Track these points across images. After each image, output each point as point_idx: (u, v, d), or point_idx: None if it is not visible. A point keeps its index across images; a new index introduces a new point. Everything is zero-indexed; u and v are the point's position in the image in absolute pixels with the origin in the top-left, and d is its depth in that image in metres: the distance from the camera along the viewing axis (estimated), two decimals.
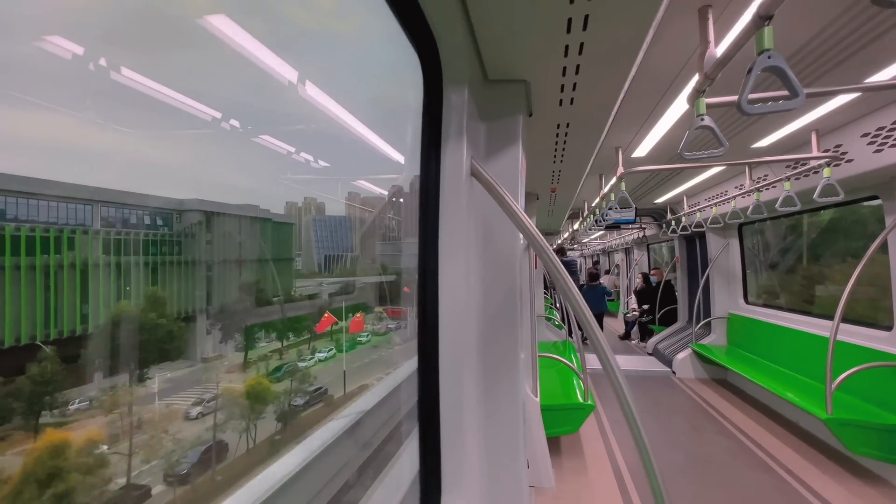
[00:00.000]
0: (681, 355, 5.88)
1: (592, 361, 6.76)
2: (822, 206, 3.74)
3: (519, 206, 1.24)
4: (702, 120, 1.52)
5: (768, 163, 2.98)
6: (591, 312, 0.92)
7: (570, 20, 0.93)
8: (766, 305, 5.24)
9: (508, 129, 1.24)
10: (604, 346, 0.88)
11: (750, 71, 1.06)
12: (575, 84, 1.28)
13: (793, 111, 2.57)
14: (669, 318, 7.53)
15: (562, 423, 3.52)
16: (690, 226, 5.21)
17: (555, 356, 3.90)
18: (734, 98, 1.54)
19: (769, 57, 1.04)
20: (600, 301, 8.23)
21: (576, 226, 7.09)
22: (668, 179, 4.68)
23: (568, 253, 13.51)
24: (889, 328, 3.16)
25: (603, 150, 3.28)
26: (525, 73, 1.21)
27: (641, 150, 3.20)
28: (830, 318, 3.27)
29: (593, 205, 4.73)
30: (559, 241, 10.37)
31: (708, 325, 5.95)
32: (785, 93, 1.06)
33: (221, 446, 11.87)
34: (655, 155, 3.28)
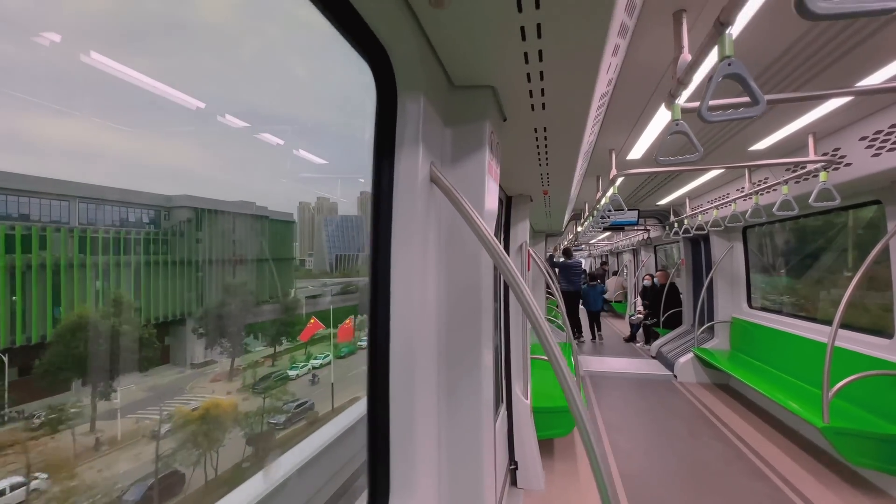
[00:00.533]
0: (683, 359, 5.81)
1: (593, 364, 6.72)
2: (822, 211, 3.66)
3: (483, 211, 1.25)
4: (676, 125, 1.50)
5: (766, 166, 2.93)
6: (542, 315, 0.93)
7: (522, 28, 0.93)
8: (770, 310, 5.15)
9: (474, 135, 1.25)
10: (552, 346, 0.89)
11: (710, 79, 1.05)
12: (543, 90, 1.27)
13: (789, 114, 2.54)
14: (674, 321, 7.44)
15: (554, 426, 3.51)
16: (693, 228, 5.14)
17: (545, 358, 3.89)
18: (712, 102, 1.53)
19: (729, 64, 1.03)
20: (597, 300, 8.91)
21: (580, 228, 7.05)
22: (670, 181, 4.63)
23: (574, 254, 13.51)
24: (890, 336, 3.09)
25: (597, 153, 3.26)
26: (490, 80, 1.21)
27: (636, 153, 3.17)
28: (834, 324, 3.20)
29: (592, 206, 4.70)
30: (564, 243, 10.32)
31: (711, 328, 5.87)
32: (747, 99, 1.05)
33: (173, 479, 9.87)
34: (650, 157, 3.25)
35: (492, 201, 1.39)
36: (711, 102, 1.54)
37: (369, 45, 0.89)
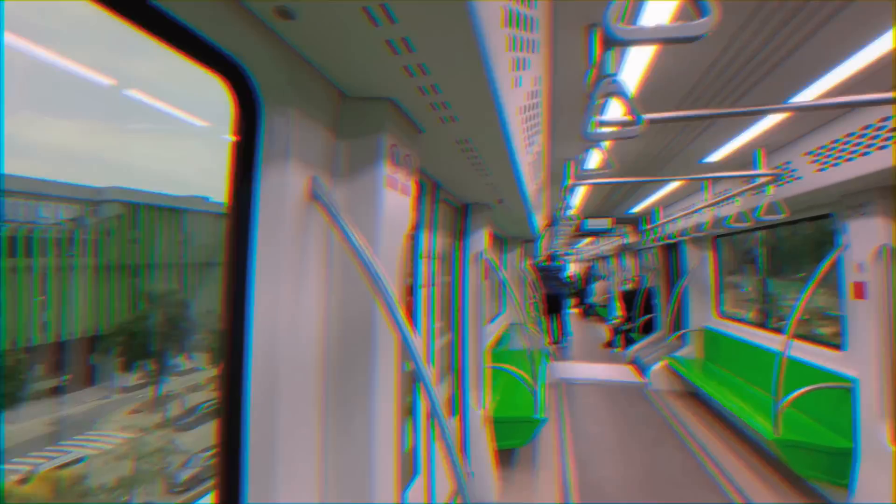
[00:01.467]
0: (656, 367, 5.82)
1: (567, 370, 6.71)
2: (775, 224, 3.66)
3: (376, 224, 1.21)
4: (593, 139, 1.49)
5: (720, 179, 2.93)
6: (413, 333, 0.91)
7: (389, 41, 0.89)
8: (736, 320, 5.17)
9: (370, 148, 1.22)
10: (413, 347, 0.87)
11: (592, 96, 1.04)
12: (446, 102, 1.24)
13: (734, 127, 2.54)
14: (652, 326, 7.47)
15: (513, 436, 3.48)
16: (662, 237, 5.16)
17: (504, 366, 3.87)
18: (624, 118, 1.51)
19: (612, 82, 1.01)
20: (564, 302, 9.48)
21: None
22: (637, 190, 4.63)
23: (561, 258, 13.66)
24: (842, 348, 3.10)
25: (557, 162, 3.26)
26: (385, 92, 1.18)
27: (593, 163, 3.17)
28: (800, 335, 3.17)
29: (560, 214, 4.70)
30: (548, 250, 10.43)
31: (684, 336, 5.88)
32: (627, 119, 1.03)
33: None
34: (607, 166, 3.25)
35: (396, 215, 1.35)
36: (618, 118, 1.53)
37: (216, 60, 0.85)
